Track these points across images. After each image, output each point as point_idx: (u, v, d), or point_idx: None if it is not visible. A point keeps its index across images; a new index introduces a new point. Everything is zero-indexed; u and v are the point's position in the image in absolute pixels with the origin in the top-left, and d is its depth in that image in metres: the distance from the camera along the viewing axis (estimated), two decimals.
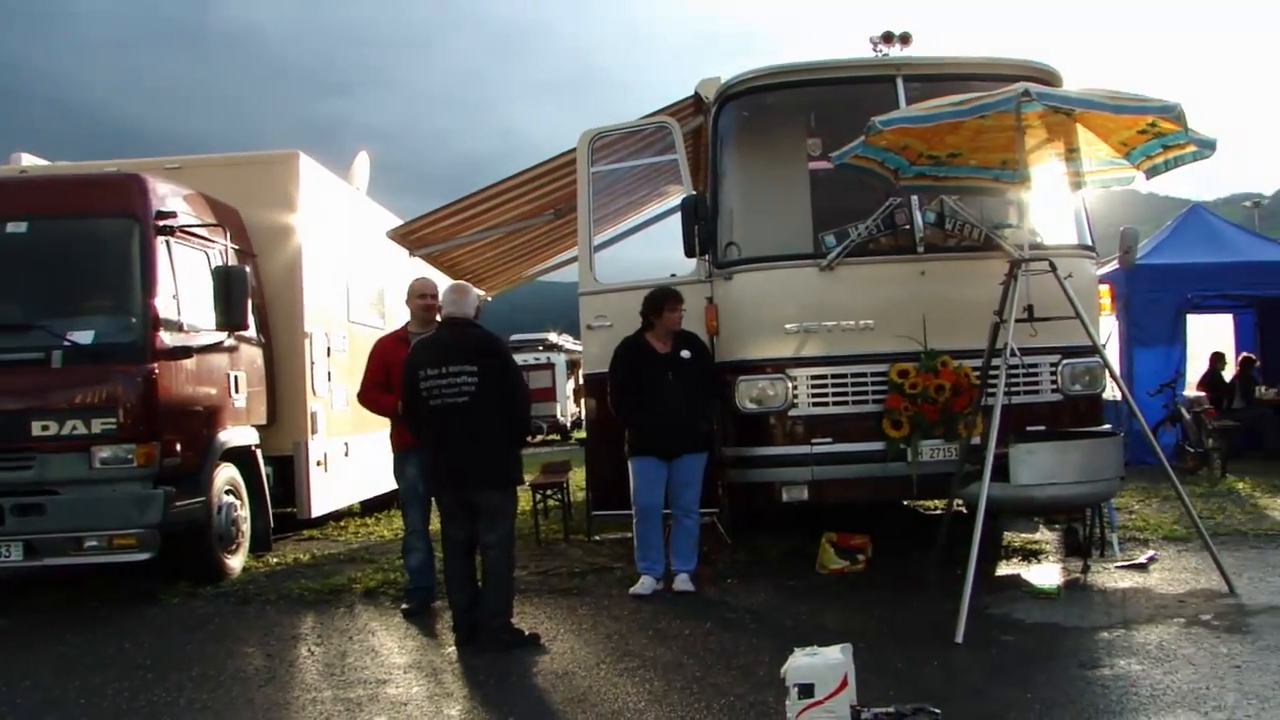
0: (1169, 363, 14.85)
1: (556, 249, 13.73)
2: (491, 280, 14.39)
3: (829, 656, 4.71)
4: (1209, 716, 4.71)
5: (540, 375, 35.94)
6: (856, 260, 8.09)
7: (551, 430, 35.67)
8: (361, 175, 14.05)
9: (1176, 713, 4.79)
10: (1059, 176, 7.65)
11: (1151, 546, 8.66)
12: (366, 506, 13.42)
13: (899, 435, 7.84)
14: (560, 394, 35.65)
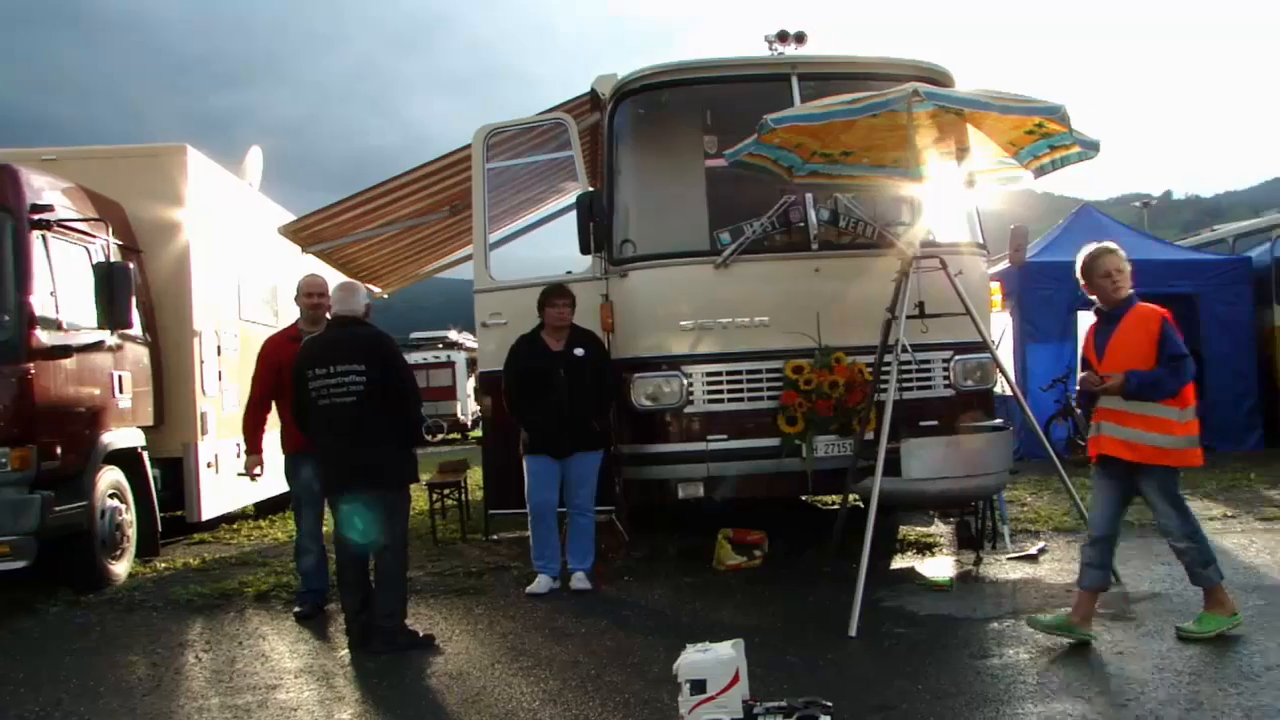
0: (1061, 358, 15.20)
1: (454, 246, 13.65)
2: (387, 277, 14.27)
3: (720, 652, 4.77)
4: (1092, 702, 4.86)
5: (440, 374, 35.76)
6: (751, 257, 8.17)
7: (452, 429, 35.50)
8: (254, 170, 13.83)
9: (1061, 699, 4.94)
10: (950, 175, 7.81)
11: (1042, 538, 8.89)
12: (262, 508, 13.22)
13: (794, 431, 7.94)
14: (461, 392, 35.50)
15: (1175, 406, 5.72)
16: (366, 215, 10.99)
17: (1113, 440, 5.86)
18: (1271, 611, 6.26)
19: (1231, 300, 15.73)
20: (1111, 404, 5.84)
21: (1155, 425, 5.71)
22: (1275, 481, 11.69)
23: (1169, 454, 5.77)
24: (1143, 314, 5.91)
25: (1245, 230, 18.22)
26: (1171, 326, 5.79)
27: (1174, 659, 5.40)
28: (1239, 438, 15.51)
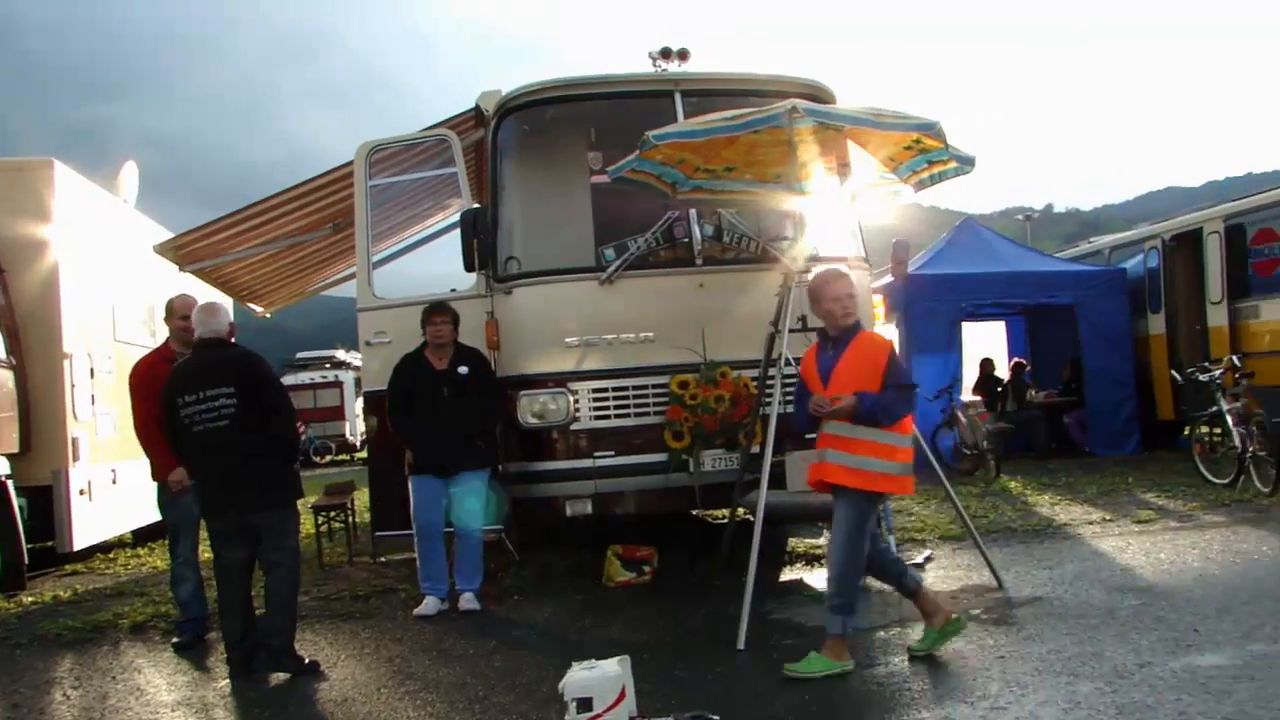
0: (946, 369, 15.56)
1: (338, 263, 13.50)
2: (270, 296, 14.05)
3: (606, 669, 4.81)
4: (974, 706, 4.98)
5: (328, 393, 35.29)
6: (636, 273, 8.23)
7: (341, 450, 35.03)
8: (129, 186, 13.53)
9: (945, 704, 5.05)
10: (833, 190, 7.96)
11: (928, 546, 9.09)
12: (140, 536, 12.92)
13: (680, 446, 8.01)
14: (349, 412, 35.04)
15: (897, 433, 5.72)
16: (246, 233, 10.82)
17: (838, 468, 5.75)
18: (1145, 611, 6.48)
19: (1109, 310, 16.28)
20: (836, 430, 5.77)
21: (881, 451, 5.69)
22: (1151, 485, 12.11)
23: (893, 480, 5.78)
24: (870, 341, 5.91)
25: (1121, 242, 18.83)
26: (897, 354, 5.86)
27: (1053, 661, 5.56)
28: (1118, 443, 16.06)
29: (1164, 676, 5.18)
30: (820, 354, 5.96)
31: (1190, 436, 12.87)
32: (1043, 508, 11.05)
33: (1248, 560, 7.81)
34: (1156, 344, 16.77)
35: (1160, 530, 9.31)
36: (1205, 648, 5.65)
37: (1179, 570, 7.61)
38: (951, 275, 15.98)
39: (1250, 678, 5.07)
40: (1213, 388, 12.10)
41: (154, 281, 12.50)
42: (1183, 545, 8.51)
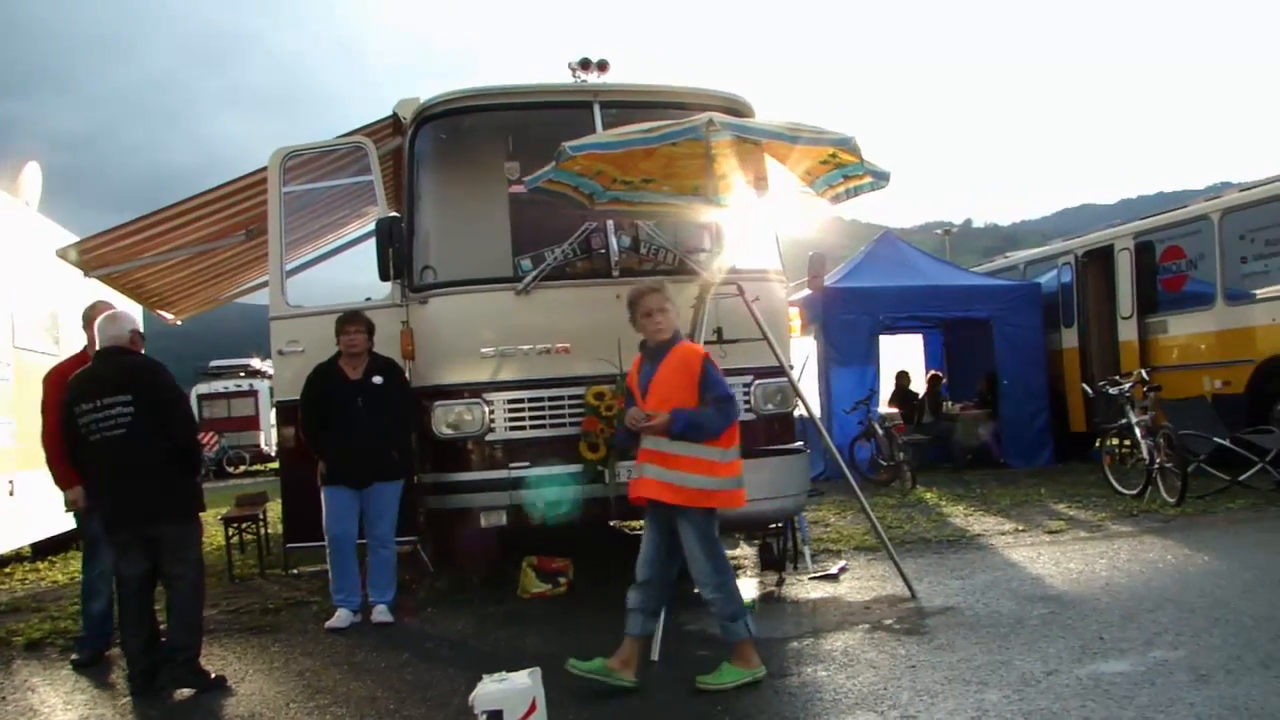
0: (864, 381, 15.78)
1: (253, 270, 13.34)
2: (182, 303, 13.83)
3: (517, 682, 4.81)
4: (885, 715, 5.04)
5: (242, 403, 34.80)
6: (553, 284, 8.23)
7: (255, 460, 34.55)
8: (31, 188, 13.21)
9: (856, 714, 5.10)
10: (750, 203, 8.03)
11: (843, 557, 9.18)
12: (39, 549, 12.62)
13: (596, 457, 8.02)
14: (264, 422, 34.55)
15: (719, 447, 5.66)
16: (157, 238, 10.65)
17: (654, 483, 5.71)
18: (1053, 620, 6.60)
19: (1023, 323, 16.61)
20: (654, 445, 5.73)
21: (699, 467, 5.62)
22: (1063, 496, 12.34)
23: (713, 496, 5.67)
24: (684, 354, 5.76)
25: (1036, 257, 19.24)
26: (713, 366, 5.71)
27: (963, 670, 5.64)
28: (1031, 455, 16.36)
29: (1070, 684, 5.28)
30: (641, 367, 5.94)
31: (1101, 448, 13.12)
32: (957, 518, 11.22)
33: (1152, 569, 7.98)
34: (1069, 357, 17.16)
35: (1070, 540, 9.49)
36: (1110, 655, 5.77)
37: (1087, 579, 7.76)
38: (869, 288, 16.20)
39: (1151, 683, 5.19)
40: (1122, 401, 12.38)
41: (57, 287, 12.22)
42: (1091, 555, 8.68)
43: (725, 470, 5.69)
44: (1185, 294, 15.10)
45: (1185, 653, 5.70)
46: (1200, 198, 16.48)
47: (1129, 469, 12.34)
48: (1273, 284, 13.58)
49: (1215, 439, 11.82)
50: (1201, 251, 14.74)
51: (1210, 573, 7.76)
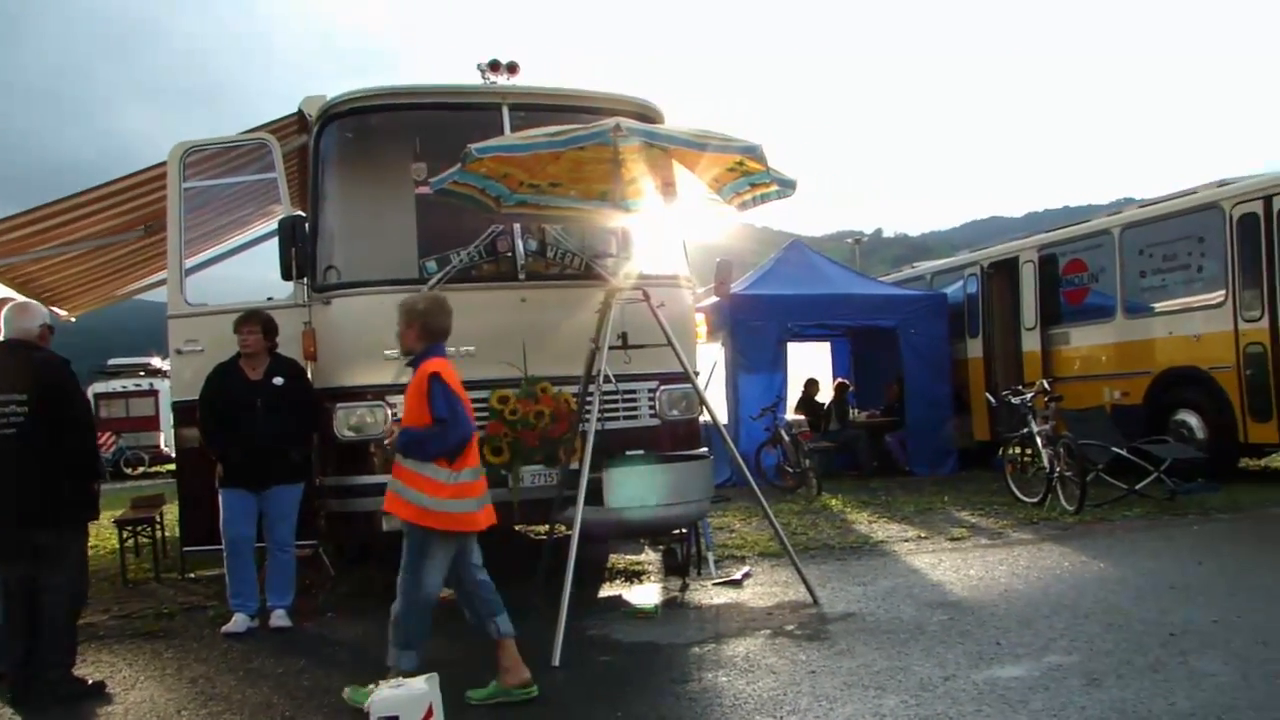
0: (771, 388, 15.88)
1: (153, 267, 13.10)
2: (76, 299, 13.53)
3: (414, 688, 4.78)
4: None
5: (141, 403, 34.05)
6: (458, 286, 8.14)
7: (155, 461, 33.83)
8: None
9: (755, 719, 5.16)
10: (657, 209, 8.07)
11: (748, 563, 9.24)
12: None
13: (500, 461, 7.99)
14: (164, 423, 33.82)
15: (445, 468, 5.63)
16: (48, 231, 10.39)
17: (389, 494, 5.79)
18: (953, 626, 6.72)
19: (929, 333, 16.88)
20: (396, 458, 5.80)
21: (422, 484, 5.64)
22: (966, 504, 12.55)
23: (429, 515, 5.63)
24: (422, 371, 5.77)
25: (942, 268, 19.58)
26: (440, 385, 5.64)
27: (862, 675, 5.72)
28: (936, 463, 16.61)
29: (966, 689, 5.38)
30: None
31: (1003, 457, 13.35)
32: (861, 525, 11.36)
33: (1050, 576, 8.15)
34: (974, 367, 17.49)
35: (971, 547, 9.66)
36: (1006, 660, 5.89)
37: (987, 586, 7.91)
38: (777, 296, 16.34)
39: (1045, 688, 5.31)
40: (1024, 410, 12.61)
41: None
42: (992, 561, 8.85)
43: (449, 491, 5.65)
44: (1087, 306, 15.48)
45: (1079, 657, 5.84)
46: (1103, 213, 16.91)
47: (1030, 477, 12.57)
48: (1170, 298, 13.99)
49: (1113, 449, 12.11)
50: (1103, 265, 15.14)
51: (1105, 579, 7.95)
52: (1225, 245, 13.11)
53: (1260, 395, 12.61)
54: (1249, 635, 6.11)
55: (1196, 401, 13.48)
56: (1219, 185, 13.83)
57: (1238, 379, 12.85)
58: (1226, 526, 10.22)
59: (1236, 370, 12.86)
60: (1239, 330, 12.87)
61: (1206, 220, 13.48)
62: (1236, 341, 12.88)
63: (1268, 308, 12.56)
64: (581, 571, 6.67)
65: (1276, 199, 12.59)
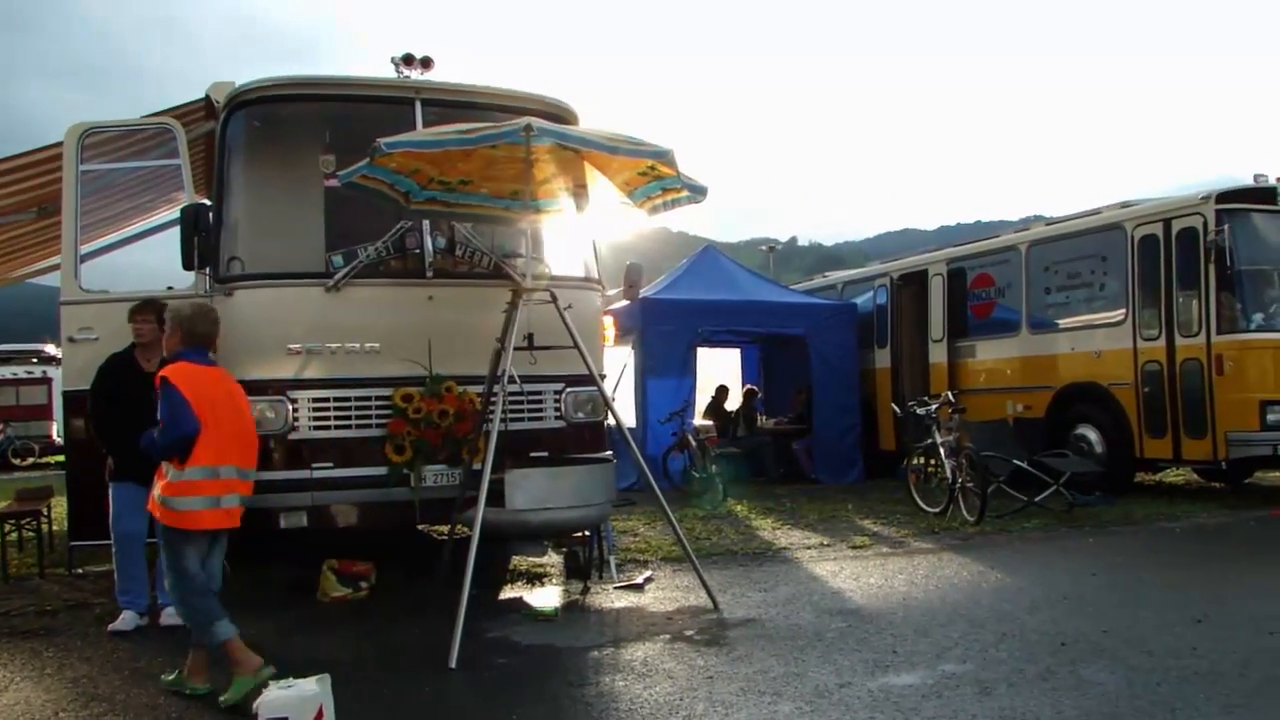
0: (680, 393, 15.92)
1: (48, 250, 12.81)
2: None
3: (304, 689, 4.75)
4: None
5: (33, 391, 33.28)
6: (365, 282, 8.15)
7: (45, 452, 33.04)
8: None
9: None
10: (568, 210, 8.09)
11: (650, 567, 9.29)
12: None
13: (402, 460, 7.98)
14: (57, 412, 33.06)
15: (173, 466, 5.77)
16: None
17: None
18: (850, 633, 6.81)
19: (838, 342, 17.07)
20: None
21: (160, 480, 5.83)
22: (869, 512, 12.72)
23: (161, 510, 5.79)
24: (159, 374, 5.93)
25: (854, 278, 19.82)
26: (169, 389, 5.77)
27: (759, 681, 5.77)
28: (841, 471, 16.80)
29: (861, 696, 5.47)
30: None
31: (907, 467, 13.56)
32: (765, 531, 11.47)
33: (948, 585, 8.31)
34: (882, 377, 17.76)
35: (873, 555, 9.80)
36: (901, 668, 5.98)
37: (885, 594, 8.04)
38: (687, 300, 16.41)
39: (938, 695, 5.42)
40: (929, 421, 12.83)
41: None
42: (892, 570, 8.99)
43: (174, 489, 5.75)
44: (993, 320, 15.81)
45: (972, 666, 5.96)
46: (1013, 229, 17.26)
47: (933, 487, 12.78)
48: (1073, 315, 14.35)
49: (1014, 461, 12.32)
50: (1009, 280, 15.48)
51: (1001, 589, 8.12)
52: (1127, 265, 13.50)
53: (1156, 412, 13.00)
54: (1136, 645, 6.30)
55: (1096, 417, 13.86)
56: (1122, 206, 14.26)
57: (1136, 396, 13.23)
58: (1120, 539, 10.50)
59: (1135, 387, 13.24)
60: (1138, 348, 13.26)
61: (1110, 240, 13.87)
62: (1135, 359, 13.27)
63: (1165, 327, 12.96)
64: (482, 573, 6.66)
65: (1175, 222, 12.99)
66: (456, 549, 7.72)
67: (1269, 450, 12.22)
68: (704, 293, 16.75)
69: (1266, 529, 11.03)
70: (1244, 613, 7.14)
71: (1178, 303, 12.87)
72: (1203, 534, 10.82)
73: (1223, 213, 12.52)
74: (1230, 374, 12.28)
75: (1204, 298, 12.54)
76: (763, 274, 22.15)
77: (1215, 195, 12.68)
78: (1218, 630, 6.63)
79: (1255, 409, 12.14)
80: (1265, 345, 12.37)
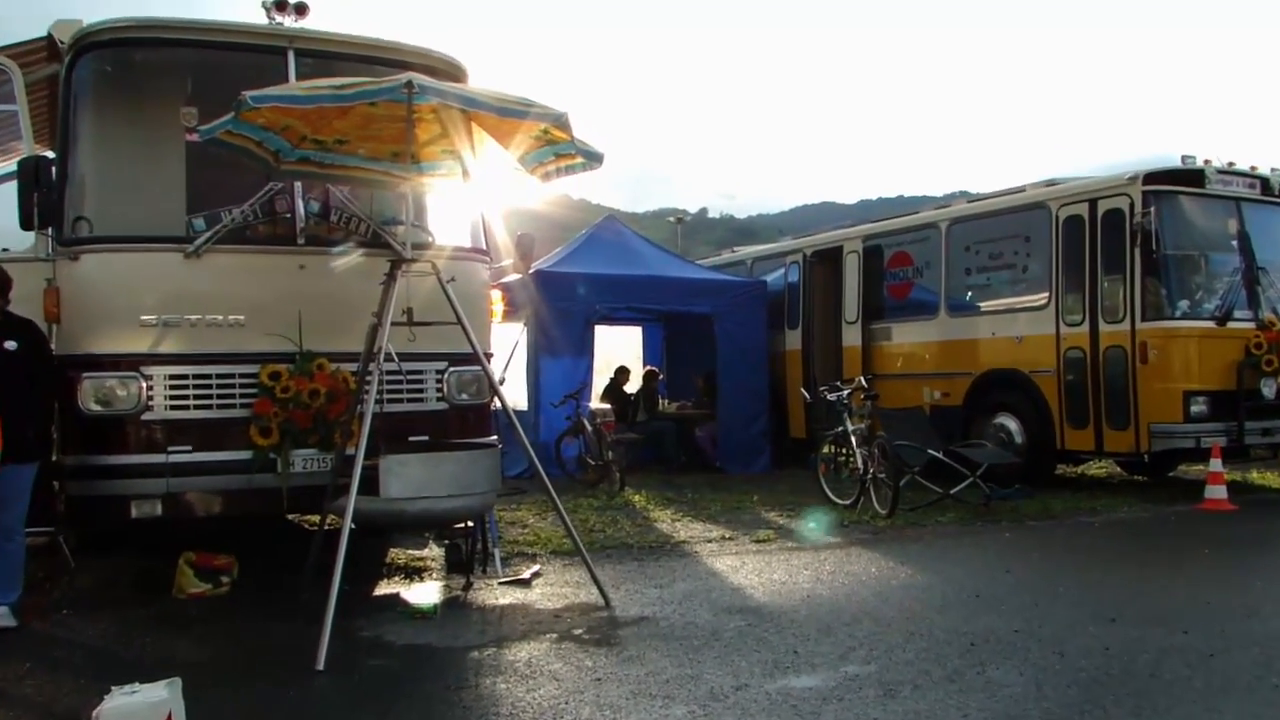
0: (576, 373, 15.90)
1: None
2: None
3: (150, 695, 4.66)
4: None
5: None
6: (229, 248, 8.02)
7: None
8: None
9: None
10: (454, 175, 8.04)
11: (538, 561, 9.31)
12: None
13: (268, 443, 7.89)
14: None
15: None
16: None
17: None
18: (750, 633, 6.89)
19: (746, 322, 17.15)
20: None
21: None
22: (776, 504, 12.84)
23: None
24: None
25: (764, 254, 19.96)
26: None
27: (650, 684, 5.82)
28: (748, 460, 16.90)
29: (758, 699, 5.55)
30: None
31: (816, 456, 13.70)
32: (663, 524, 11.55)
33: (855, 582, 8.45)
34: (792, 360, 17.93)
35: (777, 550, 9.92)
36: (802, 669, 6.08)
37: (789, 591, 8.15)
38: (585, 274, 16.36)
39: (839, 699, 5.51)
40: (840, 407, 12.97)
41: None
42: (796, 566, 9.11)
43: None
44: (910, 302, 16.04)
45: (876, 667, 6.07)
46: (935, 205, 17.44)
47: (844, 478, 12.95)
48: (994, 298, 14.60)
49: (929, 451, 12.49)
50: (928, 260, 15.70)
51: (910, 586, 8.28)
52: (1051, 246, 13.77)
53: (1079, 401, 13.29)
54: (1047, 645, 6.47)
55: (1016, 405, 14.12)
56: (1047, 185, 14.47)
57: (1058, 384, 13.51)
58: (1037, 534, 10.76)
59: (1057, 375, 13.52)
60: (1061, 334, 13.55)
61: (1034, 220, 14.13)
62: (1058, 345, 13.55)
63: (1089, 313, 13.25)
64: (355, 567, 6.63)
65: (1102, 202, 13.26)
66: (327, 541, 7.66)
67: (1192, 443, 12.56)
68: (604, 266, 16.72)
69: (1187, 524, 11.34)
70: (1158, 611, 7.37)
71: (1103, 287, 13.15)
72: (1122, 529, 11.13)
73: (1150, 194, 12.79)
74: (1154, 363, 12.59)
75: (1129, 282, 12.82)
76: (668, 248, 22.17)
77: (1142, 176, 12.94)
78: (1131, 629, 6.84)
79: (1179, 400, 12.47)
80: (1190, 333, 12.71)
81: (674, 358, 20.36)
